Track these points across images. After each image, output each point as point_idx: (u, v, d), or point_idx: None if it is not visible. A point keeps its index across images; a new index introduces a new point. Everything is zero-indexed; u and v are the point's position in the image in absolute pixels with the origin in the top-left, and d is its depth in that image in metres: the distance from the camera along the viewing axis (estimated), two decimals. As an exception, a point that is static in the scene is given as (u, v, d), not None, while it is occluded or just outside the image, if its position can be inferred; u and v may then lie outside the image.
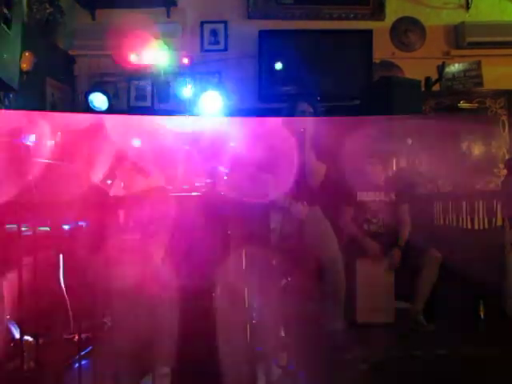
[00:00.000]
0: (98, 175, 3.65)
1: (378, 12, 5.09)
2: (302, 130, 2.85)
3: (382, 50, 5.01)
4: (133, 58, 4.77)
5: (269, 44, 4.87)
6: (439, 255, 3.29)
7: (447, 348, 2.89)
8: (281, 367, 2.59)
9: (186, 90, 4.88)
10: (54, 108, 4.47)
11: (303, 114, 2.96)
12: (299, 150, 2.82)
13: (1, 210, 1.79)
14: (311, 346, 2.93)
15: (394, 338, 3.24)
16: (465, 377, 2.73)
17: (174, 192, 2.77)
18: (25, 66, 3.35)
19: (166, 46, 4.87)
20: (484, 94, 4.87)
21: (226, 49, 5.05)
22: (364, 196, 3.58)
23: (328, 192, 3.24)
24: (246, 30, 4.98)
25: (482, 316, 3.12)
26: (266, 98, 4.88)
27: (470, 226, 3.46)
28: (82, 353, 2.04)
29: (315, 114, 3.00)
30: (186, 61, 4.81)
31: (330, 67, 4.85)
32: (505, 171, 3.01)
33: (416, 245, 3.43)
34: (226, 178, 1.70)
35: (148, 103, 4.96)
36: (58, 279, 2.01)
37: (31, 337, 2.30)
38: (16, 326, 2.36)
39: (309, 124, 2.88)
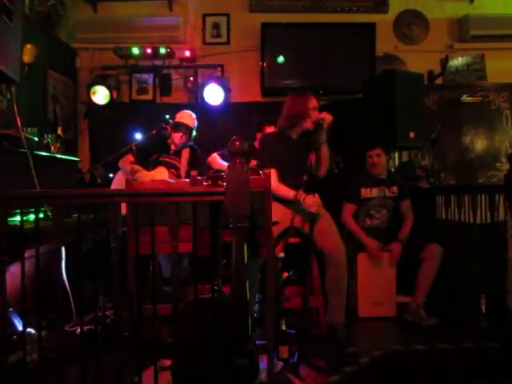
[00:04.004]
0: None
1: (381, 5, 5.07)
2: (320, 121, 2.84)
3: (385, 43, 4.99)
4: (134, 51, 4.77)
5: (271, 37, 4.84)
6: (440, 249, 3.29)
7: (448, 342, 2.89)
8: (282, 360, 2.60)
9: (189, 84, 4.87)
10: (56, 101, 4.47)
11: (316, 109, 2.95)
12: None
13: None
14: (312, 339, 2.96)
15: (395, 331, 3.25)
16: (466, 371, 2.74)
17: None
18: (26, 59, 3.34)
19: (167, 39, 4.87)
20: (487, 87, 4.85)
21: (228, 42, 5.04)
22: (369, 192, 3.58)
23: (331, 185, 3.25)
24: (249, 23, 4.96)
25: (484, 310, 3.11)
26: (268, 91, 4.86)
27: (472, 220, 3.45)
28: (85, 345, 2.05)
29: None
30: (188, 54, 4.81)
31: (333, 60, 4.82)
32: (508, 165, 2.99)
33: (417, 238, 3.43)
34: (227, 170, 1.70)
35: (150, 96, 4.95)
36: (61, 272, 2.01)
37: (34, 329, 2.32)
38: (19, 318, 2.38)
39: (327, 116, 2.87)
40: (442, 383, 2.72)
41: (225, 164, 3.87)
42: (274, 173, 2.96)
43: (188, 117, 3.85)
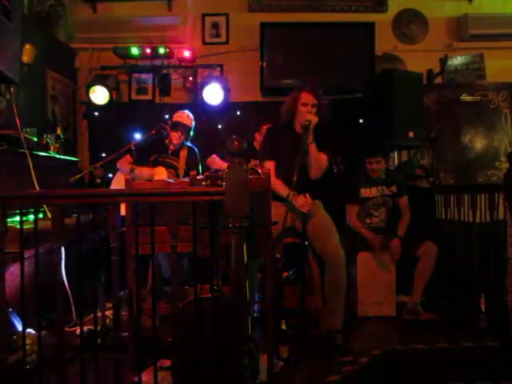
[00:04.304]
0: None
1: (380, 4, 5.06)
2: (306, 122, 2.83)
3: (385, 42, 4.98)
4: (134, 51, 4.76)
5: (270, 37, 4.84)
6: (435, 247, 3.30)
7: (448, 341, 2.90)
8: (282, 359, 2.60)
9: (188, 83, 4.87)
10: (55, 101, 4.46)
11: (307, 105, 2.93)
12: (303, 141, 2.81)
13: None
14: (311, 339, 2.96)
15: (395, 331, 3.26)
16: (465, 369, 2.74)
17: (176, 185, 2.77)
18: (26, 59, 3.34)
19: (167, 39, 4.86)
20: (486, 86, 4.85)
21: (227, 41, 5.03)
22: (368, 192, 3.59)
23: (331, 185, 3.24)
24: (248, 23, 4.95)
25: (483, 309, 3.12)
26: (267, 91, 4.86)
27: (471, 220, 3.45)
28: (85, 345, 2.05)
29: (319, 105, 2.97)
30: (187, 54, 4.80)
31: (332, 60, 4.82)
32: (507, 164, 2.99)
33: (413, 237, 3.44)
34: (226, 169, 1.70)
35: (149, 96, 4.94)
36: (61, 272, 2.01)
37: (33, 329, 2.32)
38: (18, 318, 2.38)
39: (312, 117, 2.86)
40: (442, 383, 2.72)
41: (224, 165, 3.87)
42: (271, 166, 2.97)
43: (186, 116, 3.86)
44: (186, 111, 3.93)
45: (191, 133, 3.92)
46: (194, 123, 3.92)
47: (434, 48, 5.06)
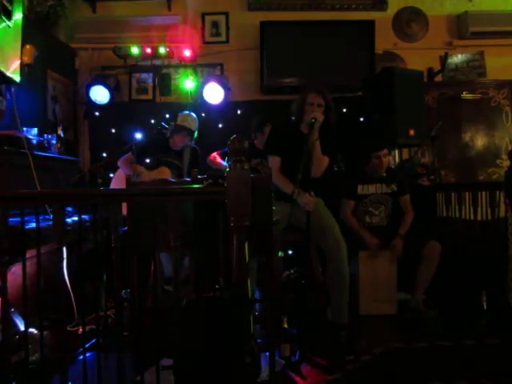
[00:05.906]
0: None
1: (380, 2, 5.05)
2: (312, 120, 2.83)
3: (385, 40, 4.98)
4: (134, 51, 4.76)
5: (270, 35, 4.83)
6: (439, 246, 3.30)
7: (450, 339, 2.90)
8: (284, 358, 2.60)
9: (188, 83, 4.87)
10: (56, 101, 4.47)
11: (312, 105, 2.94)
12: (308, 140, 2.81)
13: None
14: (313, 337, 2.96)
15: (396, 329, 3.26)
16: (467, 367, 2.74)
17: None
18: (26, 59, 3.34)
19: (166, 39, 4.86)
20: (487, 84, 4.84)
21: (227, 40, 5.03)
22: (366, 189, 3.59)
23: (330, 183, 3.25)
24: (247, 22, 4.95)
25: (485, 307, 3.12)
26: (268, 89, 4.86)
27: (472, 217, 3.45)
28: (87, 345, 2.05)
29: (326, 105, 2.97)
30: (187, 53, 4.80)
31: (332, 58, 4.81)
32: (508, 162, 2.99)
33: (416, 236, 3.43)
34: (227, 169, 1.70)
35: (149, 96, 4.94)
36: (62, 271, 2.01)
37: (36, 329, 2.33)
38: (21, 318, 2.38)
39: (318, 115, 2.87)
40: (443, 380, 2.73)
41: (224, 163, 3.88)
42: (276, 161, 2.98)
43: (190, 120, 3.85)
44: (191, 114, 3.90)
45: (195, 135, 3.92)
46: (197, 125, 3.91)
47: (435, 46, 5.06)
